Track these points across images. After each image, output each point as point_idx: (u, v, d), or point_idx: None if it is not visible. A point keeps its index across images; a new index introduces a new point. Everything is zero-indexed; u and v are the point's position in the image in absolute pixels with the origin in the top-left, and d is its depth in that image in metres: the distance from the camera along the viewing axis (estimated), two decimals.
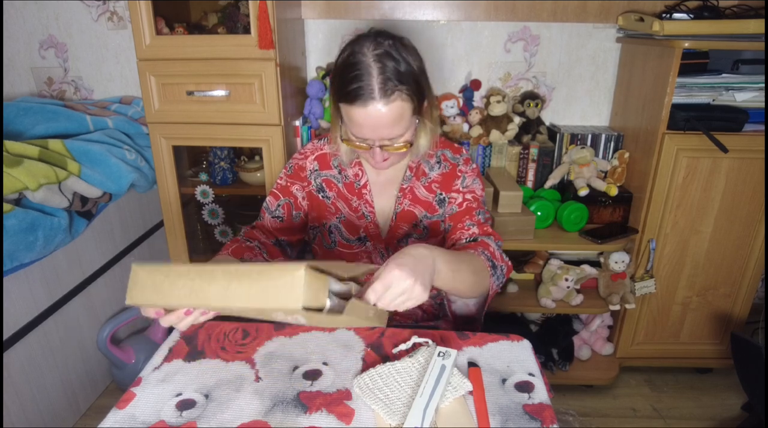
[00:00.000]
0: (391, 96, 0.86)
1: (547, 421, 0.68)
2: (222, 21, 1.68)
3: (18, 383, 1.32)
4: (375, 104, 0.86)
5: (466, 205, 1.05)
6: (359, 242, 1.06)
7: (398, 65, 0.87)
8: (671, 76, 1.50)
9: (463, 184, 1.07)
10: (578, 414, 1.73)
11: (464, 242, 1.02)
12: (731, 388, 1.84)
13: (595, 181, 1.74)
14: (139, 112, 1.83)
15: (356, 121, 0.89)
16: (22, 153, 1.32)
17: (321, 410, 0.70)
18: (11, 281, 1.28)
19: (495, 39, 1.85)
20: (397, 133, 0.90)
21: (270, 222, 1.08)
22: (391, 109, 0.87)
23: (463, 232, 1.03)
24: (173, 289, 0.59)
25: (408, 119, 0.90)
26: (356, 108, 0.87)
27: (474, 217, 1.04)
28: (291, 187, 1.08)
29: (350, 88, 0.86)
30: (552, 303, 1.76)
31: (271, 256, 1.05)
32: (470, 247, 0.97)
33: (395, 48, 0.88)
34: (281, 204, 1.08)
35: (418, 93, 0.90)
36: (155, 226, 1.89)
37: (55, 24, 1.91)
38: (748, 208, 1.65)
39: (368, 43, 0.88)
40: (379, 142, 0.91)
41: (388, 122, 0.88)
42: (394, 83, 0.86)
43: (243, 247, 1.00)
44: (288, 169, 1.10)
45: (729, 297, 1.79)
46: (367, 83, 0.85)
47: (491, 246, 0.98)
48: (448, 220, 1.06)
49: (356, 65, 0.86)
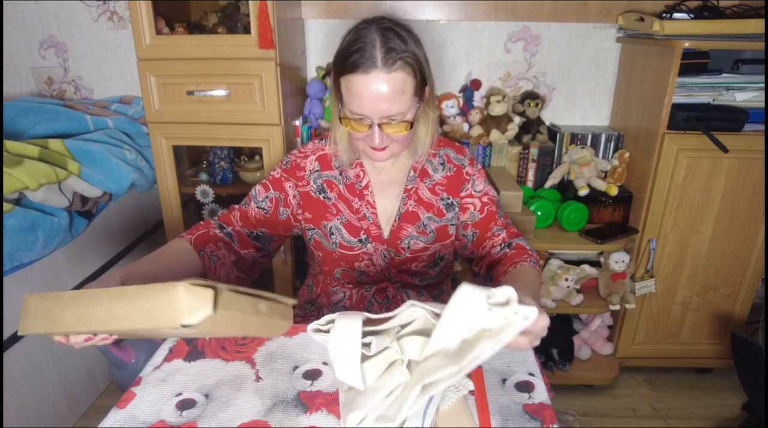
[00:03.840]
0: (393, 65, 0.85)
1: (547, 421, 0.68)
2: (222, 21, 1.68)
3: (18, 383, 1.32)
4: (377, 72, 0.85)
5: (487, 209, 1.06)
6: (360, 243, 1.05)
7: (402, 40, 0.87)
8: (671, 76, 1.50)
9: (475, 188, 1.06)
10: (578, 414, 1.73)
11: (499, 249, 1.03)
12: (731, 388, 1.84)
13: (596, 181, 1.74)
14: (139, 111, 1.83)
15: (357, 91, 0.87)
16: (22, 153, 1.32)
17: (321, 410, 0.70)
18: (11, 281, 1.28)
19: (495, 39, 1.85)
20: (397, 108, 0.88)
21: (253, 212, 1.05)
22: (393, 79, 0.86)
23: (494, 239, 1.04)
24: (62, 316, 0.58)
25: (409, 97, 0.89)
26: (358, 76, 0.86)
27: (498, 221, 1.06)
28: (284, 182, 1.06)
29: (352, 58, 0.86)
30: (552, 303, 1.76)
31: (242, 247, 1.02)
32: (515, 258, 0.98)
33: (400, 27, 0.89)
34: (270, 196, 1.06)
35: (421, 71, 0.90)
36: (155, 226, 1.89)
37: (55, 24, 1.91)
38: (748, 208, 1.65)
39: (372, 22, 0.88)
40: (379, 119, 0.89)
41: (390, 94, 0.86)
42: (397, 53, 0.85)
43: (209, 237, 0.98)
44: (284, 163, 1.07)
45: (729, 297, 1.79)
46: (370, 53, 0.85)
47: (527, 247, 1.02)
48: (471, 228, 1.06)
49: (359, 39, 0.86)
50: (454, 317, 0.60)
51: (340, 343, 0.64)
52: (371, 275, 1.08)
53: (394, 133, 0.91)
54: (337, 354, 0.65)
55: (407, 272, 1.08)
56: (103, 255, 1.62)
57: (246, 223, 1.05)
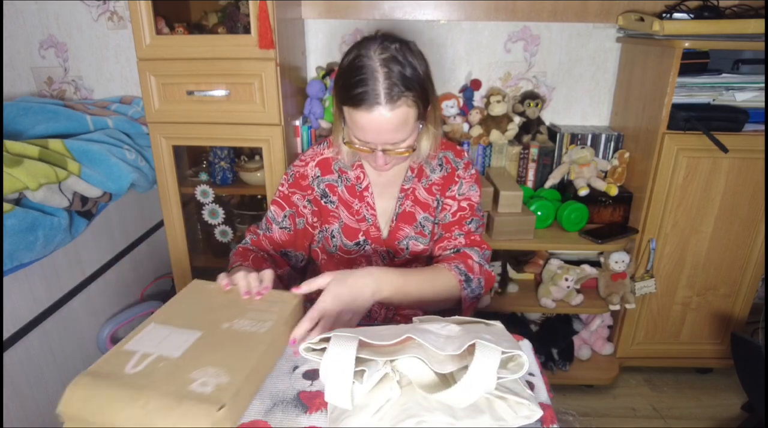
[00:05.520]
0: (397, 102, 0.85)
1: (547, 421, 0.68)
2: (222, 21, 1.68)
3: (18, 383, 1.32)
4: (380, 109, 0.85)
5: (460, 214, 1.06)
6: (357, 246, 1.06)
7: (404, 70, 0.86)
8: (671, 76, 1.50)
9: (459, 190, 1.07)
10: (578, 414, 1.73)
11: (448, 253, 1.04)
12: (731, 388, 1.84)
13: (596, 181, 1.74)
14: (139, 111, 1.83)
15: (360, 125, 0.88)
16: (22, 153, 1.32)
17: (321, 410, 0.70)
18: (11, 281, 1.28)
19: (495, 39, 1.85)
20: (400, 137, 0.90)
21: (279, 234, 1.08)
22: (396, 115, 0.86)
23: (450, 242, 1.05)
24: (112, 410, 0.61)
25: (412, 125, 0.90)
26: (361, 112, 0.86)
27: (464, 227, 1.05)
28: (292, 196, 1.08)
29: (355, 91, 0.85)
30: (552, 303, 1.76)
31: (278, 267, 1.06)
32: (449, 260, 1.00)
33: (402, 52, 0.87)
34: (287, 214, 1.07)
35: (424, 99, 0.90)
36: (155, 226, 1.89)
37: (55, 24, 1.91)
38: (748, 208, 1.65)
39: (375, 46, 0.87)
40: (382, 146, 0.91)
41: (393, 127, 0.87)
42: (400, 89, 0.85)
43: (259, 258, 1.03)
44: (289, 176, 1.09)
45: (729, 297, 1.79)
46: (373, 88, 0.84)
47: (472, 258, 1.01)
48: (439, 227, 1.07)
49: (362, 69, 0.85)
50: (467, 393, 0.62)
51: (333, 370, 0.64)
52: None
53: (396, 155, 0.93)
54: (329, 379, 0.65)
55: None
56: (103, 256, 1.62)
57: (276, 246, 1.08)
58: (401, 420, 0.62)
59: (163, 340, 0.71)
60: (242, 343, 0.71)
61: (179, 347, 0.69)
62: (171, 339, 0.71)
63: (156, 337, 0.71)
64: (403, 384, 0.68)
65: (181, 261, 1.72)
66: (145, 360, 0.66)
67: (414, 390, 0.67)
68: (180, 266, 1.72)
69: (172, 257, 1.72)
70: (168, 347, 0.69)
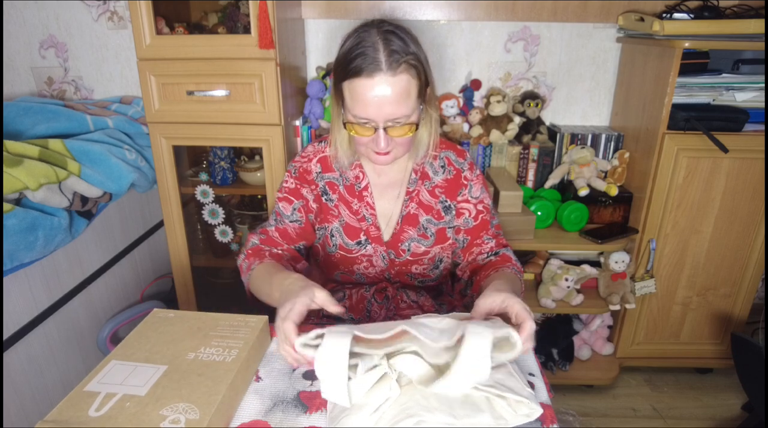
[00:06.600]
0: (398, 68, 0.85)
1: (547, 421, 0.68)
2: (222, 21, 1.68)
3: (18, 383, 1.32)
4: (382, 75, 0.84)
5: (481, 217, 1.06)
6: (358, 245, 1.05)
7: (404, 43, 0.87)
8: (671, 76, 1.50)
9: (472, 193, 1.07)
10: (578, 414, 1.73)
11: (485, 257, 1.04)
12: (731, 388, 1.84)
13: (596, 181, 1.74)
14: (139, 111, 1.83)
15: (361, 96, 0.86)
16: (22, 153, 1.32)
17: (321, 410, 0.70)
18: (11, 281, 1.28)
19: (495, 39, 1.85)
20: (402, 111, 0.87)
21: (291, 228, 1.06)
22: (397, 82, 0.85)
23: (482, 247, 1.05)
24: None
25: (414, 98, 0.89)
26: (362, 80, 0.85)
27: (490, 231, 1.06)
28: (300, 189, 1.06)
29: (355, 62, 0.85)
30: (552, 303, 1.76)
31: (294, 262, 1.06)
32: (498, 265, 1.00)
33: (400, 29, 0.89)
34: (296, 207, 1.06)
35: (424, 72, 0.90)
36: (155, 226, 1.89)
37: (55, 24, 1.91)
38: (748, 208, 1.65)
39: (372, 26, 0.88)
40: (384, 122, 0.88)
41: (395, 97, 0.86)
42: (400, 55, 0.85)
43: (277, 255, 1.03)
44: (292, 171, 1.08)
45: (729, 297, 1.79)
46: (373, 56, 0.84)
47: (512, 258, 1.03)
48: (464, 233, 1.07)
49: (361, 42, 0.86)
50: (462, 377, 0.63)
51: (327, 363, 0.64)
52: (370, 276, 1.08)
53: (399, 135, 0.91)
54: (324, 373, 0.64)
55: (407, 274, 1.08)
56: (103, 256, 1.62)
57: (289, 240, 1.07)
58: (400, 419, 0.62)
59: (126, 378, 0.67)
60: (210, 374, 0.69)
61: (144, 384, 0.66)
62: (135, 375, 0.68)
63: (119, 375, 0.68)
64: (402, 383, 0.68)
65: (181, 262, 1.72)
66: (110, 401, 0.63)
67: (413, 390, 0.67)
68: (180, 266, 1.72)
69: (172, 257, 1.72)
70: (132, 385, 0.66)
